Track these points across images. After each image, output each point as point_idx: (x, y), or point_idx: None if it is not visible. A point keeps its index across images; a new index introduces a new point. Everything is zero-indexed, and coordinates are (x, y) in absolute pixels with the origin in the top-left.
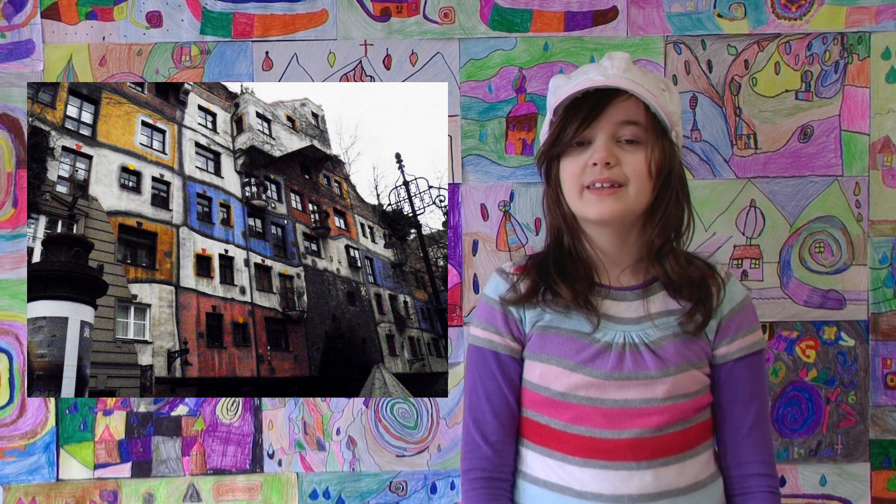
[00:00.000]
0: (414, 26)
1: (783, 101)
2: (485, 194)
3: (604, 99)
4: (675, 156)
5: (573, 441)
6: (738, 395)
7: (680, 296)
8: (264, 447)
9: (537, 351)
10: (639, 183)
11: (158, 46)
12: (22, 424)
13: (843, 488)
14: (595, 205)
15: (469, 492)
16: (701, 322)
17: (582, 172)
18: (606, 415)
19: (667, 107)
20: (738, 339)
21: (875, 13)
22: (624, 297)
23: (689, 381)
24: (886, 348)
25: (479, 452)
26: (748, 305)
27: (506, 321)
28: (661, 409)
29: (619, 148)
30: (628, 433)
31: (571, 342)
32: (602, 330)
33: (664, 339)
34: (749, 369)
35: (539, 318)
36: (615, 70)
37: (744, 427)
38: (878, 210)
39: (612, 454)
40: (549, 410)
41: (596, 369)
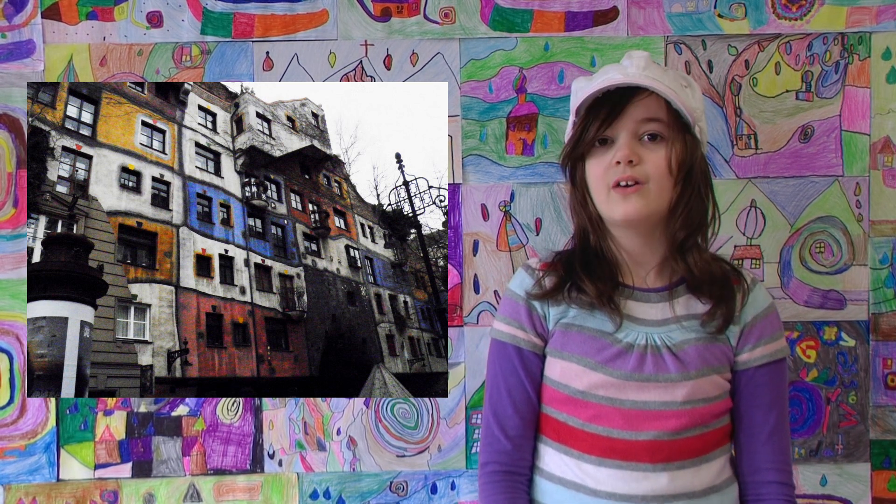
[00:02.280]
0: (414, 26)
1: (784, 102)
2: (485, 194)
3: (624, 97)
4: (697, 151)
5: (590, 440)
6: (759, 402)
7: (702, 294)
8: (265, 447)
9: (559, 348)
10: (660, 180)
11: (159, 46)
12: (22, 424)
13: (844, 488)
14: (620, 205)
15: (487, 485)
16: (722, 322)
17: (606, 172)
18: (625, 415)
19: (688, 103)
20: (760, 345)
21: (875, 13)
22: (648, 298)
23: (709, 386)
24: (887, 348)
25: (499, 446)
26: (773, 313)
27: (530, 317)
28: (680, 412)
29: (641, 146)
30: (646, 435)
31: (593, 341)
32: (624, 330)
33: (686, 342)
34: (770, 377)
35: (563, 316)
36: (635, 69)
37: (762, 434)
38: (878, 210)
39: (629, 455)
40: (568, 408)
41: (616, 369)
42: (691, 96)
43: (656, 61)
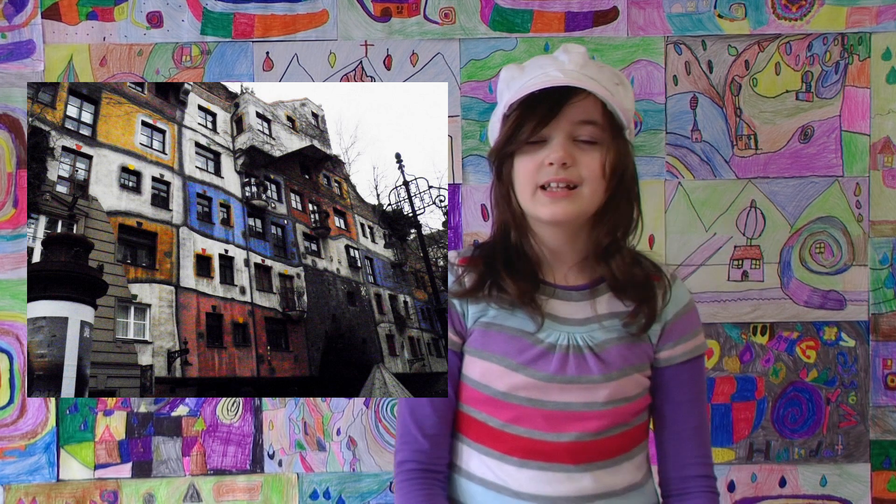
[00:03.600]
0: (414, 27)
1: (784, 102)
2: (485, 195)
3: (562, 97)
4: (629, 155)
5: (511, 441)
6: (681, 398)
7: (625, 296)
8: (265, 447)
9: (479, 347)
10: (593, 184)
11: (159, 47)
12: (22, 425)
13: (844, 489)
14: (548, 206)
15: (403, 482)
16: (645, 323)
17: (537, 171)
18: (547, 417)
19: (622, 103)
20: (681, 343)
21: (875, 14)
22: (570, 296)
23: (630, 385)
24: (887, 349)
25: (416, 445)
26: (692, 310)
27: (449, 315)
28: (602, 413)
29: (575, 148)
30: (568, 436)
31: (515, 341)
32: (546, 330)
33: (608, 342)
34: (692, 373)
35: (482, 314)
36: (573, 66)
37: (686, 430)
38: (878, 210)
39: (551, 456)
40: (488, 409)
41: (539, 371)
42: (624, 95)
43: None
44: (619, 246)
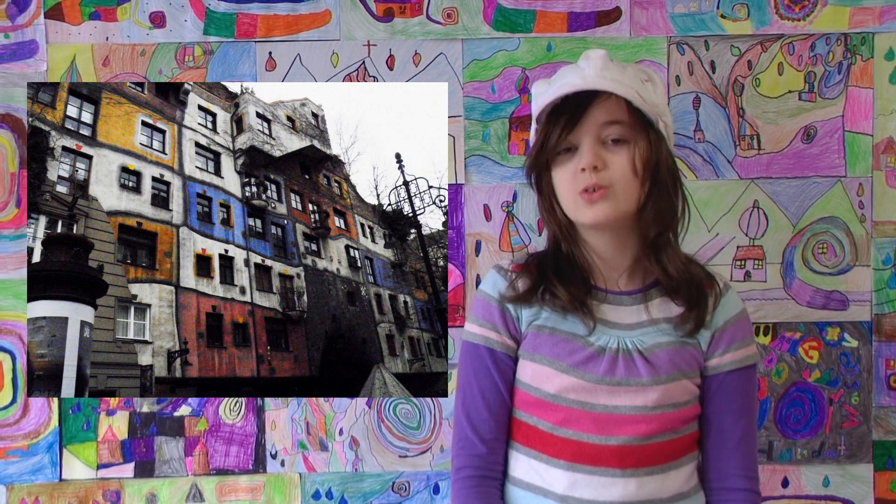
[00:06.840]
0: (417, 27)
1: (786, 102)
2: (488, 195)
3: (584, 102)
4: (662, 148)
5: (560, 444)
6: (728, 408)
7: (677, 296)
8: (267, 447)
9: (531, 350)
10: (626, 182)
11: (162, 47)
12: (25, 424)
13: (847, 489)
14: (588, 210)
15: (461, 490)
16: (693, 325)
17: (573, 179)
18: (595, 420)
19: (650, 98)
20: (731, 351)
21: (879, 14)
22: (621, 301)
23: (679, 391)
24: (890, 349)
25: (473, 450)
26: (744, 318)
27: (503, 318)
28: (650, 417)
29: (605, 149)
30: (615, 440)
31: (565, 343)
32: (597, 334)
33: (658, 346)
34: (740, 382)
35: (535, 318)
36: (592, 70)
37: (731, 440)
38: (881, 211)
39: (598, 460)
40: (538, 411)
41: (588, 373)
42: (652, 91)
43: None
44: (667, 239)
